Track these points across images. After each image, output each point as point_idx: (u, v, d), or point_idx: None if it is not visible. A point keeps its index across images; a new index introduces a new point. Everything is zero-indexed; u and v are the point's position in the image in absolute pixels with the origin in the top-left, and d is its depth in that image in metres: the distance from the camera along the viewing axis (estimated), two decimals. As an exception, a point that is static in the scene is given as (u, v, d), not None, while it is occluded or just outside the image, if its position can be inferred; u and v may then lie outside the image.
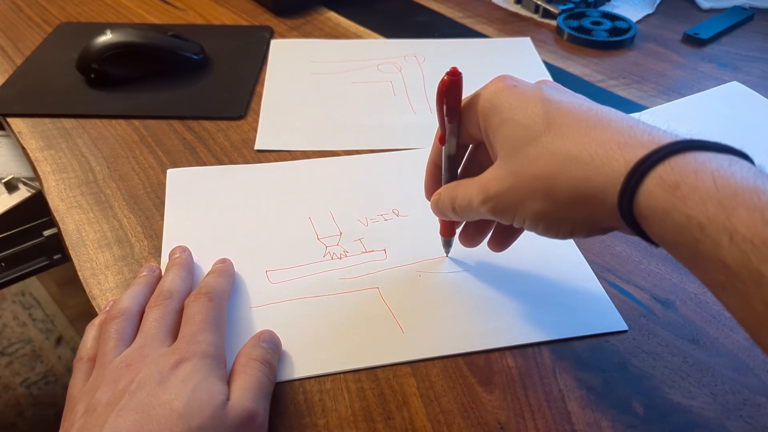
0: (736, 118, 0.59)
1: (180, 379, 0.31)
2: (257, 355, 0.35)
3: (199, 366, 0.32)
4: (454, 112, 0.35)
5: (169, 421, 0.29)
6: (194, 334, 0.34)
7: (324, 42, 0.70)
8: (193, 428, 0.29)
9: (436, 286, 0.41)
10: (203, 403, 0.30)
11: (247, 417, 0.31)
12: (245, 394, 0.32)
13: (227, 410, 0.31)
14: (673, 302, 0.40)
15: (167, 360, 0.32)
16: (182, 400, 0.30)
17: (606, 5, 0.81)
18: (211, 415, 0.30)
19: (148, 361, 0.32)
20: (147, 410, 0.29)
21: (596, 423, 0.33)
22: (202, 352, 0.33)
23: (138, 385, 0.31)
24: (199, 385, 0.31)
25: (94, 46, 0.60)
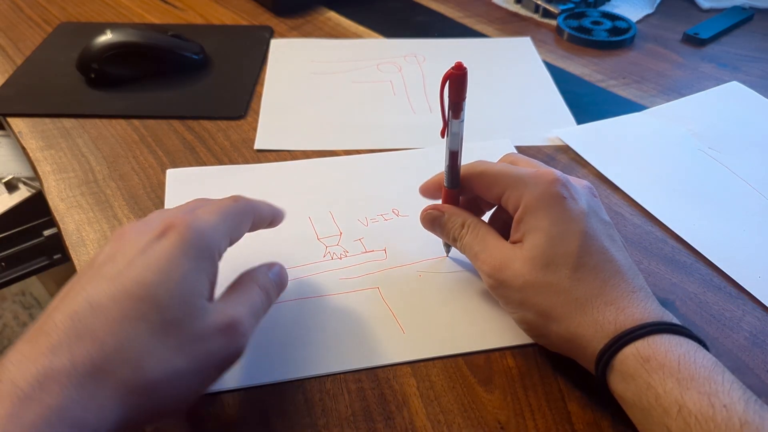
0: (736, 118, 0.59)
1: (165, 258, 0.28)
2: (261, 280, 0.33)
3: (187, 246, 0.29)
4: (457, 107, 0.35)
5: (146, 304, 0.27)
6: (196, 210, 0.32)
7: (324, 42, 0.70)
8: (168, 320, 0.27)
9: (436, 286, 0.41)
10: (185, 297, 0.28)
11: (228, 324, 0.29)
12: (233, 304, 0.30)
13: (209, 311, 0.29)
14: (673, 302, 0.40)
15: (156, 228, 0.30)
16: (164, 287, 0.28)
17: (606, 5, 0.81)
18: (190, 312, 0.28)
19: (139, 227, 0.30)
20: (125, 284, 0.27)
21: (596, 423, 0.33)
22: (196, 229, 0.30)
23: (122, 254, 0.29)
24: (185, 277, 0.28)
25: (94, 46, 0.60)
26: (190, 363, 0.28)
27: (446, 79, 0.34)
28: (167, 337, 0.27)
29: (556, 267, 0.33)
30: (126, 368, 0.26)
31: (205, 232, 0.30)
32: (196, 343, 0.28)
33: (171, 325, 0.27)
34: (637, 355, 0.30)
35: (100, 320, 0.26)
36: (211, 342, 0.29)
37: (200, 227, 0.30)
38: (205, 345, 0.28)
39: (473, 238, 0.37)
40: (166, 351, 0.27)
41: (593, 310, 0.32)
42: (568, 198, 0.35)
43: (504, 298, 0.36)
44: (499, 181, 0.36)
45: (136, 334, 0.27)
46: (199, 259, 0.29)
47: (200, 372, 0.29)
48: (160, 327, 0.27)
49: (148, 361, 0.27)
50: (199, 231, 0.30)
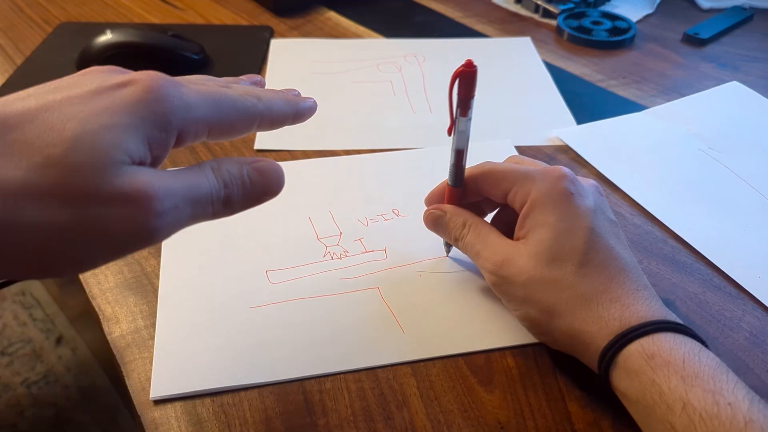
0: (736, 118, 0.59)
1: (108, 105, 0.24)
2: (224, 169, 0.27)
3: (141, 102, 0.25)
4: (466, 104, 0.35)
5: (54, 140, 0.23)
6: (194, 81, 0.28)
7: (324, 42, 0.70)
8: (71, 163, 0.23)
9: (437, 286, 0.41)
10: (100, 148, 0.23)
11: (136, 192, 0.23)
12: (165, 175, 0.25)
13: (123, 171, 0.24)
14: (673, 302, 0.40)
15: (126, 77, 0.26)
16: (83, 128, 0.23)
17: (606, 5, 0.81)
18: (96, 163, 0.23)
19: (117, 72, 0.27)
20: (44, 110, 0.24)
21: (596, 423, 0.33)
22: (165, 93, 0.25)
23: (76, 85, 0.25)
24: (114, 129, 0.24)
25: (94, 46, 0.60)
26: (72, 218, 0.23)
27: (456, 76, 0.34)
28: (60, 180, 0.22)
29: (561, 262, 0.34)
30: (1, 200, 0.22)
31: (171, 102, 0.25)
32: (88, 199, 0.23)
33: (70, 168, 0.23)
34: (641, 352, 0.30)
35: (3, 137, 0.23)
36: (110, 208, 0.23)
37: (169, 95, 0.25)
38: (99, 208, 0.23)
39: (475, 237, 0.37)
40: (52, 195, 0.22)
41: (598, 306, 0.32)
42: (576, 195, 0.35)
43: (507, 295, 0.36)
44: (507, 178, 0.37)
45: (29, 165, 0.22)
46: (146, 121, 0.25)
47: (86, 237, 0.23)
48: (58, 165, 0.22)
49: (27, 199, 0.22)
50: (164, 97, 0.25)
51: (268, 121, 0.30)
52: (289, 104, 0.31)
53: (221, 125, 0.28)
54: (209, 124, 0.27)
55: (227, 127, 0.28)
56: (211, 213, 0.27)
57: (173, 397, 0.34)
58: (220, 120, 0.28)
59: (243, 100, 0.29)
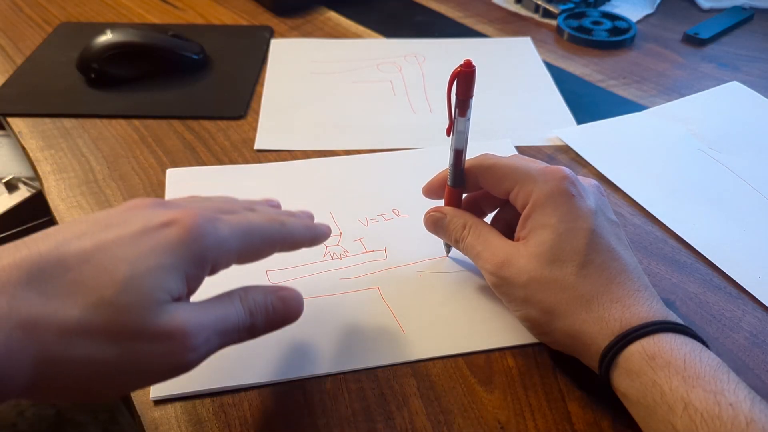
0: (736, 118, 0.59)
1: (150, 246, 0.26)
2: (250, 299, 0.30)
3: (182, 243, 0.27)
4: (465, 104, 0.35)
5: (106, 281, 0.25)
6: (227, 210, 0.30)
7: (324, 42, 0.70)
8: (120, 303, 0.25)
9: (437, 286, 0.41)
10: (146, 287, 0.25)
11: (174, 331, 0.26)
12: (198, 314, 0.27)
13: (163, 311, 0.26)
14: (673, 302, 0.40)
15: (168, 215, 0.28)
16: (132, 268, 0.25)
17: (606, 5, 0.81)
18: (142, 304, 0.25)
19: (160, 208, 0.29)
20: (99, 249, 0.26)
21: (596, 423, 0.33)
22: (202, 232, 0.27)
23: (123, 223, 0.27)
24: (159, 270, 0.26)
25: (94, 46, 0.60)
26: (119, 357, 0.25)
27: (455, 76, 0.34)
28: (107, 318, 0.25)
29: (562, 263, 0.34)
30: (55, 336, 0.24)
31: (208, 238, 0.28)
32: (133, 338, 0.25)
33: (117, 307, 0.25)
34: (642, 352, 0.30)
35: (58, 276, 0.25)
36: (152, 344, 0.26)
37: (205, 231, 0.28)
38: (143, 345, 0.25)
39: (475, 239, 0.37)
40: (99, 333, 0.24)
41: (599, 307, 0.32)
42: (577, 196, 0.35)
43: (507, 295, 0.36)
44: (508, 177, 0.37)
45: (82, 303, 0.24)
46: (186, 260, 0.27)
47: (127, 371, 0.26)
48: (107, 304, 0.25)
49: (78, 336, 0.24)
50: (202, 234, 0.28)
51: (288, 245, 0.33)
52: (308, 230, 0.34)
53: (249, 253, 0.31)
54: (239, 253, 0.30)
55: (254, 254, 0.31)
56: (237, 339, 0.30)
57: (173, 397, 0.34)
58: (250, 249, 0.31)
59: (269, 227, 0.32)
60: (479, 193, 0.41)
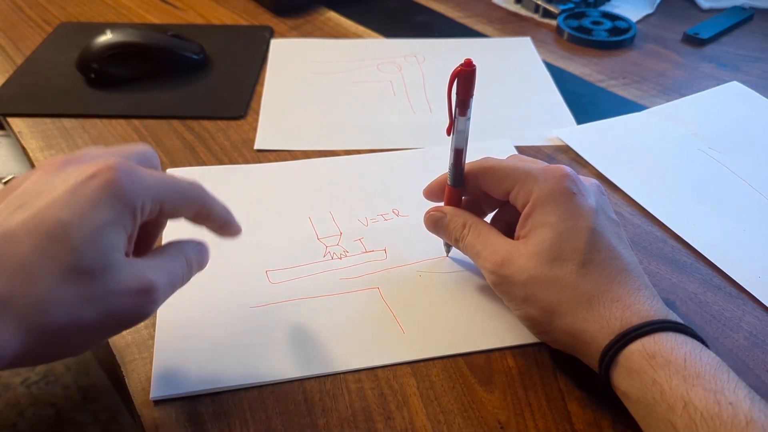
0: (736, 118, 0.59)
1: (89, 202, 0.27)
2: (188, 253, 0.33)
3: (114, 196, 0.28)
4: (465, 104, 0.35)
5: (59, 245, 0.26)
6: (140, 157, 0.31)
7: (324, 42, 0.70)
8: (80, 267, 0.26)
9: (437, 286, 0.41)
10: (102, 249, 0.27)
11: (143, 287, 0.28)
12: (154, 267, 0.29)
13: (124, 268, 0.28)
14: (673, 302, 0.40)
15: (89, 168, 0.28)
16: (82, 234, 0.26)
17: (606, 5, 0.81)
18: (105, 265, 0.27)
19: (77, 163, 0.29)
20: (44, 219, 0.26)
21: (596, 423, 0.33)
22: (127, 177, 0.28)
23: (49, 187, 0.28)
24: (105, 227, 0.27)
25: (94, 46, 0.60)
26: (97, 316, 0.27)
27: (455, 75, 0.34)
28: (77, 285, 0.26)
29: (563, 262, 0.34)
30: (30, 307, 0.25)
31: (133, 186, 0.28)
32: (106, 298, 0.27)
33: (83, 274, 0.26)
34: (642, 351, 0.30)
35: (11, 252, 0.26)
36: (122, 300, 0.28)
37: (130, 179, 0.28)
38: (115, 301, 0.27)
39: (475, 238, 0.37)
40: (74, 299, 0.26)
41: (599, 305, 0.32)
42: (578, 194, 0.35)
43: (508, 294, 0.36)
44: (509, 177, 0.37)
45: (46, 274, 0.26)
46: (120, 212, 0.28)
47: (103, 326, 0.28)
48: (72, 273, 0.26)
49: (54, 305, 0.26)
50: (127, 182, 0.28)
51: (205, 214, 0.33)
52: (224, 211, 0.35)
53: (171, 206, 0.31)
54: (162, 203, 0.30)
55: (175, 208, 0.32)
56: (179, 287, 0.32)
57: (173, 397, 0.34)
58: (171, 201, 0.31)
59: (190, 187, 0.32)
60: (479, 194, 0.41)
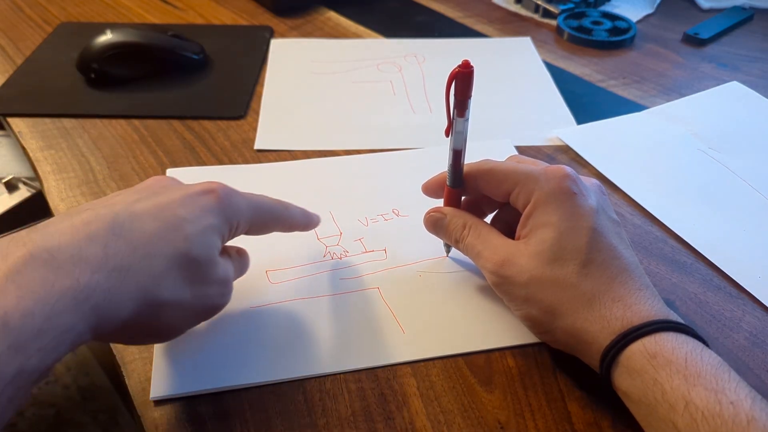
0: (736, 118, 0.59)
1: (200, 207, 0.32)
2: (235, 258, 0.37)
3: (219, 208, 0.33)
4: (463, 105, 0.35)
5: (177, 233, 0.31)
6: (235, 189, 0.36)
7: (324, 42, 0.70)
8: (190, 255, 0.31)
9: (437, 286, 0.41)
10: (207, 244, 0.32)
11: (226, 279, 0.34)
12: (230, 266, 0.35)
13: (219, 262, 0.33)
14: (673, 302, 0.40)
15: (199, 186, 0.34)
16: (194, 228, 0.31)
17: (606, 5, 0.81)
18: (207, 258, 0.32)
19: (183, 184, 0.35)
20: (165, 209, 0.31)
21: (596, 423, 0.33)
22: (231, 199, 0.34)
23: (166, 191, 0.33)
24: (212, 229, 0.32)
25: (94, 46, 0.60)
26: (194, 299, 0.32)
27: (453, 77, 0.34)
28: (185, 269, 0.31)
29: (564, 262, 0.34)
30: (147, 278, 0.29)
31: (235, 206, 0.34)
32: (203, 285, 0.32)
33: (192, 261, 0.31)
34: (644, 351, 0.30)
35: (137, 229, 0.29)
36: (212, 289, 0.33)
37: (230, 201, 0.34)
38: (208, 289, 0.32)
39: (475, 238, 0.37)
40: (181, 280, 0.31)
41: (600, 305, 0.32)
42: (579, 194, 0.35)
43: (508, 294, 0.36)
44: (509, 178, 0.36)
45: (164, 254, 0.30)
46: (223, 222, 0.33)
47: (195, 310, 0.33)
48: (184, 258, 0.30)
49: (166, 281, 0.30)
50: (231, 202, 0.34)
51: (288, 225, 0.39)
52: (304, 215, 0.40)
53: (258, 225, 0.37)
54: (251, 223, 0.36)
55: (262, 227, 0.37)
56: None
57: (173, 397, 0.34)
58: (259, 221, 0.37)
59: (275, 206, 0.38)
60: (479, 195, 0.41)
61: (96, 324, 0.27)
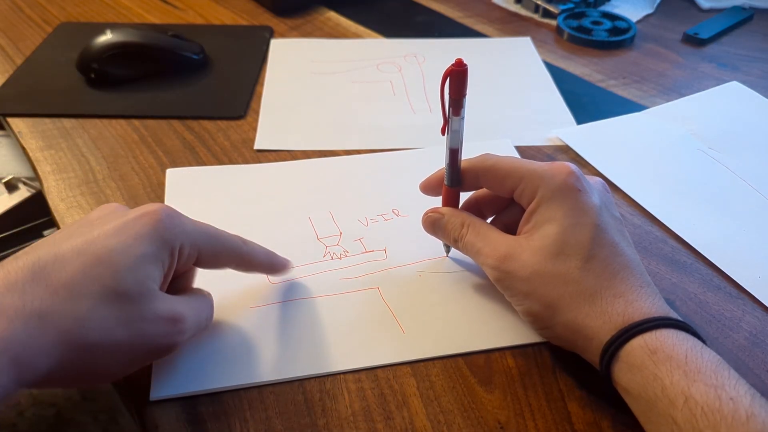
0: (736, 118, 0.59)
1: (133, 235, 0.30)
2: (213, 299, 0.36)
3: (156, 234, 0.31)
4: (458, 103, 0.35)
5: (105, 269, 0.29)
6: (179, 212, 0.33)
7: (324, 42, 0.70)
8: (120, 291, 0.29)
9: (436, 286, 0.41)
10: (140, 277, 0.30)
11: (172, 316, 0.31)
12: (183, 302, 0.32)
13: (158, 298, 0.31)
14: (673, 302, 0.40)
15: (138, 210, 0.32)
16: (125, 261, 0.29)
17: (606, 5, 0.81)
18: (141, 292, 0.30)
19: (127, 208, 0.33)
20: (92, 244, 0.29)
21: (596, 423, 0.33)
22: (169, 221, 0.31)
23: (100, 222, 0.31)
24: (145, 259, 0.30)
25: (94, 46, 0.60)
26: (129, 339, 0.29)
27: (447, 75, 0.34)
28: (115, 306, 0.29)
29: (566, 257, 0.34)
30: (71, 322, 0.27)
31: (174, 228, 0.32)
32: (139, 322, 0.30)
33: (121, 297, 0.29)
34: (644, 346, 0.30)
35: (58, 270, 0.28)
36: (153, 327, 0.30)
37: (172, 222, 0.32)
38: (147, 327, 0.30)
39: (474, 236, 0.37)
40: (111, 319, 0.28)
41: (602, 301, 0.32)
42: (582, 191, 0.35)
43: (510, 289, 0.36)
44: (513, 174, 0.37)
45: (88, 293, 0.28)
46: (160, 248, 0.31)
47: (134, 351, 0.30)
48: (112, 294, 0.28)
49: (93, 322, 0.28)
50: (169, 225, 0.31)
51: (246, 264, 0.37)
52: (267, 256, 0.38)
53: (209, 255, 0.34)
54: (201, 250, 0.33)
55: (213, 258, 0.35)
56: (204, 328, 0.35)
57: (173, 397, 0.34)
58: (210, 250, 0.34)
59: (230, 239, 0.35)
60: (480, 196, 0.41)
61: (18, 375, 0.26)
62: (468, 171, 0.38)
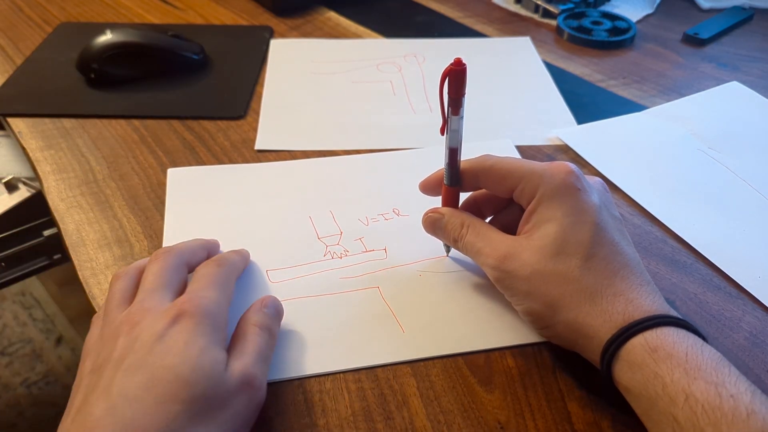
0: (736, 118, 0.59)
1: (183, 341, 0.30)
2: (257, 320, 0.35)
3: (200, 326, 0.31)
4: (457, 103, 0.35)
5: (175, 385, 0.29)
6: (197, 290, 0.34)
7: (324, 42, 0.70)
8: (197, 395, 0.29)
9: (437, 285, 0.41)
10: (207, 371, 0.30)
11: (245, 381, 0.31)
12: (243, 359, 0.32)
13: (227, 376, 0.31)
14: (673, 302, 0.40)
15: (167, 314, 0.32)
16: (187, 366, 0.30)
17: (606, 5, 0.81)
18: (214, 382, 0.30)
19: (149, 315, 0.32)
20: (152, 371, 0.29)
21: (596, 423, 0.33)
22: (204, 308, 0.32)
23: (140, 343, 0.31)
24: (204, 352, 0.30)
25: (94, 46, 0.60)
26: (222, 428, 0.30)
27: (446, 75, 0.34)
28: (198, 411, 0.29)
29: (566, 256, 0.34)
30: None
31: (212, 311, 0.33)
32: (223, 409, 0.30)
33: (200, 399, 0.29)
34: (645, 345, 0.30)
35: (138, 411, 0.28)
36: (235, 403, 0.31)
37: (208, 308, 0.33)
38: (231, 408, 0.30)
39: (474, 236, 0.37)
40: (200, 425, 0.29)
41: (602, 300, 0.33)
42: (582, 190, 0.35)
43: (510, 289, 0.36)
44: (513, 174, 0.37)
45: (174, 416, 0.28)
46: (211, 334, 0.32)
47: (233, 428, 0.30)
48: (191, 403, 0.29)
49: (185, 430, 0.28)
50: (207, 312, 0.32)
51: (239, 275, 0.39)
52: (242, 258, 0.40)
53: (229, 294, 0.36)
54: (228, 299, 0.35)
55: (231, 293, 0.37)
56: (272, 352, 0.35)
57: (173, 396, 0.34)
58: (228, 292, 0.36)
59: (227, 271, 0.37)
60: (478, 196, 0.41)
61: None
62: (467, 171, 0.38)
